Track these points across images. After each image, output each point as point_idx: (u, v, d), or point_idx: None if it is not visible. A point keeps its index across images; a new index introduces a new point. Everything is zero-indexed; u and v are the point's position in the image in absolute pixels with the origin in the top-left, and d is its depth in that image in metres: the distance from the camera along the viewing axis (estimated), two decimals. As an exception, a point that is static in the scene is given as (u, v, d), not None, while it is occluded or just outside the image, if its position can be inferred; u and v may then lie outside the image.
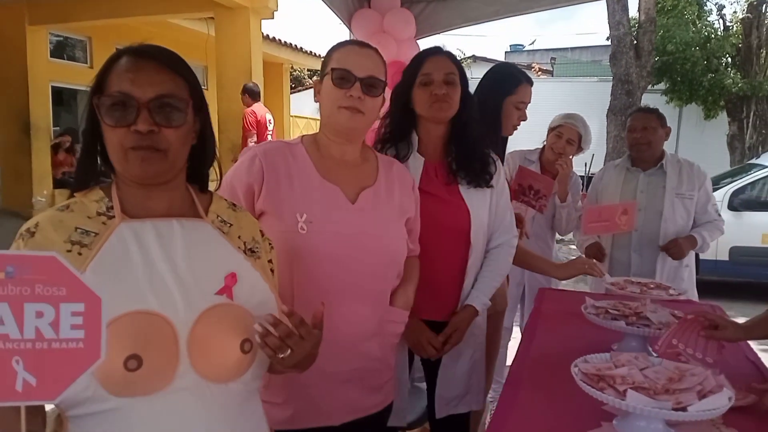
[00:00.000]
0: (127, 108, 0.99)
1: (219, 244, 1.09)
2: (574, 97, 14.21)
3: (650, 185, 2.95)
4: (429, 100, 1.78)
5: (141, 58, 1.03)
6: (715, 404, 1.15)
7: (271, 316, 1.00)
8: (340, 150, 1.53)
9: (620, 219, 2.70)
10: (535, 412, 1.38)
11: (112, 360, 0.89)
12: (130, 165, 1.01)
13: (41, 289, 0.77)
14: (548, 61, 21.53)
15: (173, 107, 1.02)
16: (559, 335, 1.94)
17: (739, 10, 14.29)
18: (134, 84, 1.00)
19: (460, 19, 3.92)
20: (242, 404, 1.06)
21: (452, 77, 1.79)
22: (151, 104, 0.99)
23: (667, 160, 2.95)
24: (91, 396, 0.92)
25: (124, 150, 1.00)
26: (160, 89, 1.01)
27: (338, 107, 1.45)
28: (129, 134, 0.99)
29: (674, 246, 2.82)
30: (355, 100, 1.44)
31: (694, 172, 2.92)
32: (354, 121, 1.46)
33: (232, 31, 7.79)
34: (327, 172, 1.50)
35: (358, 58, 1.47)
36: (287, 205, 1.44)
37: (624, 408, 1.17)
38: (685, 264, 2.96)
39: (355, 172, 1.53)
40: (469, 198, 1.85)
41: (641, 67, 10.23)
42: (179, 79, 1.04)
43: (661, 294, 2.06)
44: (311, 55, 12.78)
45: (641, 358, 1.35)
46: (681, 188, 2.89)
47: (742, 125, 12.97)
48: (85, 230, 1.00)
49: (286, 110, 12.95)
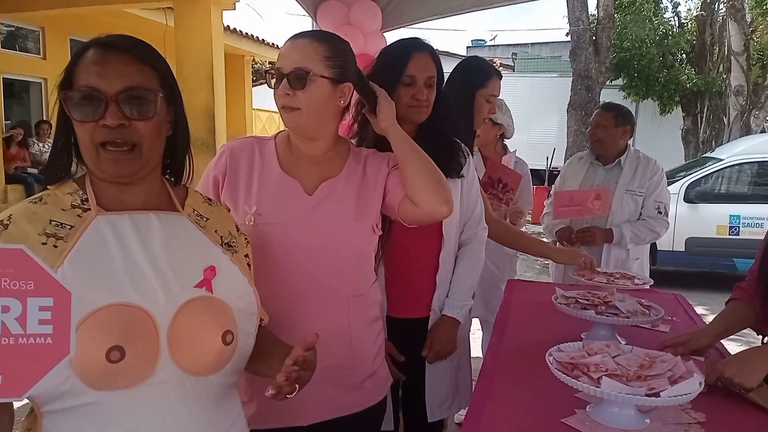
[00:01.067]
0: (94, 102, 0.96)
1: (197, 237, 1.08)
2: (535, 93, 14.46)
3: (606, 179, 3.05)
4: (409, 102, 1.75)
5: (108, 49, 1.00)
6: (687, 389, 1.17)
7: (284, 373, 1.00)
8: (307, 146, 1.49)
9: (593, 204, 2.79)
10: (510, 402, 1.39)
11: (93, 352, 0.88)
12: (102, 164, 0.99)
13: (8, 283, 0.73)
14: (509, 57, 21.78)
15: (143, 99, 0.99)
16: (529, 326, 1.96)
17: (694, 8, 14.76)
18: (101, 77, 0.97)
19: (425, 12, 3.93)
20: (221, 397, 1.05)
21: (432, 80, 1.77)
22: (119, 97, 0.97)
23: (627, 156, 3.03)
24: (69, 390, 0.90)
25: (95, 146, 0.98)
26: (128, 81, 0.98)
27: (280, 107, 1.42)
28: (98, 129, 0.97)
29: (587, 232, 2.91)
30: (285, 97, 1.39)
31: (650, 170, 2.99)
32: (292, 118, 1.41)
33: (191, 21, 7.59)
34: (290, 166, 1.47)
35: (286, 52, 1.40)
36: (240, 198, 1.42)
37: (599, 395, 1.19)
38: (634, 257, 3.03)
39: (320, 167, 1.49)
40: None
41: (600, 62, 10.45)
42: (148, 70, 1.02)
43: (626, 283, 2.10)
44: (274, 47, 12.63)
45: (613, 346, 1.37)
46: (633, 185, 2.97)
47: (696, 120, 13.41)
48: (60, 223, 0.98)
49: (248, 103, 12.77)
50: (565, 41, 12.78)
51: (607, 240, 2.94)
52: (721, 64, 13.20)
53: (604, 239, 2.93)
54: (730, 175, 6.85)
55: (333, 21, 3.60)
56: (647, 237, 3.00)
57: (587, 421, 1.26)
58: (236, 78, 12.02)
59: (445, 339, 1.86)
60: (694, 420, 1.29)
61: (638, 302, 1.79)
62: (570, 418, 1.28)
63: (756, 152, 6.76)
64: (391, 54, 1.82)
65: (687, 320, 2.10)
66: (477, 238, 1.96)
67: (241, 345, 1.05)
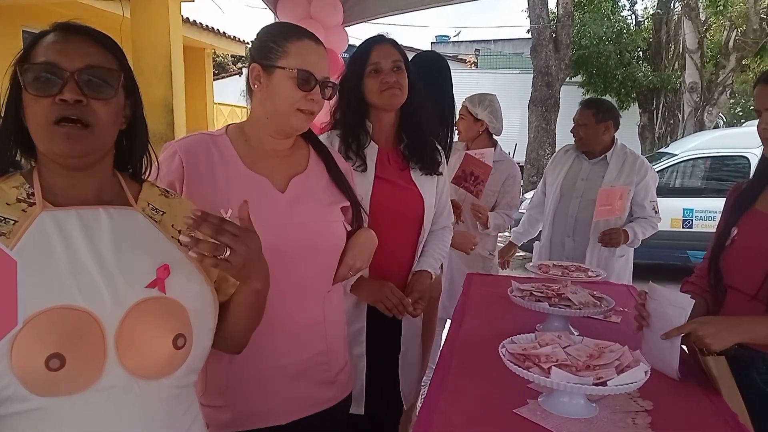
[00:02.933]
0: (53, 77, 0.93)
1: (150, 234, 1.03)
2: (498, 89, 14.55)
3: (591, 174, 3.05)
4: (380, 87, 1.81)
5: (70, 32, 0.97)
6: (633, 378, 1.21)
7: (192, 215, 0.94)
8: (277, 142, 1.47)
9: (617, 204, 2.85)
10: (464, 394, 1.40)
11: (32, 360, 0.84)
12: (54, 142, 0.95)
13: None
14: (473, 53, 21.94)
15: (103, 79, 0.97)
16: (486, 318, 1.99)
17: (650, 6, 15.11)
18: (62, 54, 0.94)
19: (387, 8, 3.93)
20: (175, 400, 1.02)
21: (399, 63, 1.83)
22: (79, 75, 0.94)
23: (614, 151, 3.03)
24: (11, 396, 0.86)
25: (48, 124, 0.93)
26: (90, 60, 0.96)
27: (296, 109, 1.39)
28: (54, 105, 0.93)
29: (614, 234, 2.90)
30: (314, 103, 1.39)
31: (636, 167, 3.01)
32: (307, 123, 1.43)
33: (149, 12, 7.39)
34: (254, 163, 1.44)
35: (318, 60, 1.40)
36: (210, 201, 1.35)
37: (548, 385, 1.22)
38: (619, 254, 3.06)
39: (285, 162, 1.48)
40: (420, 184, 1.91)
41: (560, 60, 10.63)
42: (110, 55, 1.00)
43: (580, 276, 2.15)
44: (235, 40, 12.43)
45: (564, 337, 1.41)
46: (618, 181, 2.97)
47: (652, 116, 13.76)
48: (3, 217, 0.93)
49: (209, 97, 12.53)
50: (526, 38, 12.93)
51: (625, 240, 2.94)
52: (676, 61, 13.55)
53: (625, 239, 2.93)
54: (684, 169, 7.04)
55: (293, 15, 3.57)
56: (649, 234, 3.05)
57: (538, 411, 1.29)
58: (196, 71, 11.77)
59: (421, 287, 1.91)
60: (641, 408, 1.33)
61: (590, 294, 1.83)
62: (522, 408, 1.30)
63: (709, 147, 6.97)
64: (356, 53, 1.90)
65: (638, 311, 2.16)
66: (445, 229, 2.08)
67: (196, 347, 1.01)
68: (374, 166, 1.84)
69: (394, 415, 2.09)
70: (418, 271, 1.95)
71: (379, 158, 1.87)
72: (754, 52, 12.23)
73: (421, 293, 1.89)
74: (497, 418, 1.28)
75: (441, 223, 2.05)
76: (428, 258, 1.97)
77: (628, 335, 1.71)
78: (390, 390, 2.00)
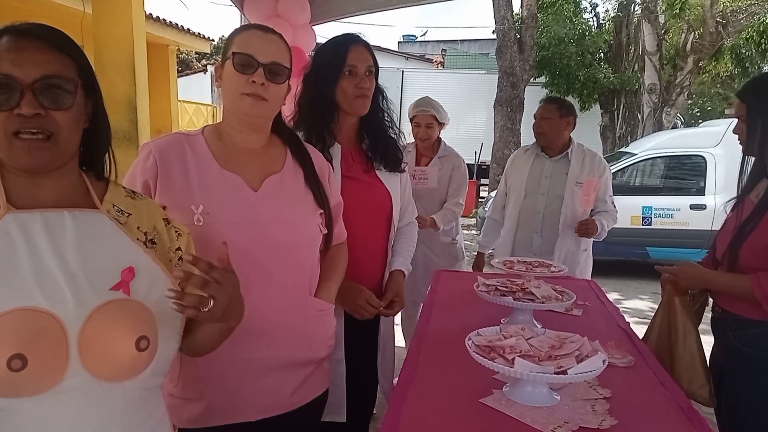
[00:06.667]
0: (8, 90, 0.91)
1: (115, 236, 1.03)
2: (464, 89, 14.75)
3: (554, 171, 3.13)
4: (354, 93, 1.84)
5: (24, 36, 0.95)
6: (592, 366, 1.27)
7: (182, 271, 0.95)
8: (244, 139, 1.48)
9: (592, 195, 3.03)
10: (432, 385, 1.45)
11: None
12: (16, 155, 0.94)
13: None
14: (439, 53, 22.10)
15: (61, 88, 0.95)
16: (454, 313, 2.04)
17: (611, 9, 15.44)
18: (16, 64, 0.92)
19: (354, 7, 3.96)
20: (140, 402, 1.02)
21: (371, 69, 1.87)
22: (35, 86, 0.92)
23: (573, 149, 3.12)
24: None
25: (7, 136, 0.92)
26: (46, 69, 0.93)
27: (241, 94, 1.40)
28: (12, 118, 0.92)
29: (590, 224, 3.01)
30: (257, 86, 1.39)
31: (596, 163, 3.11)
32: (257, 108, 1.42)
33: (111, 8, 7.20)
34: (227, 161, 1.44)
35: (261, 43, 1.41)
36: (182, 198, 1.37)
37: (512, 375, 1.27)
38: (583, 248, 3.16)
39: (259, 160, 1.49)
40: (386, 181, 1.96)
41: (524, 60, 10.79)
42: (66, 59, 0.97)
43: (543, 271, 2.22)
44: (199, 37, 12.27)
45: (527, 329, 1.46)
46: (581, 177, 3.07)
47: (614, 116, 14.08)
48: None
49: (173, 95, 12.33)
50: (492, 39, 13.09)
51: (596, 231, 3.03)
52: (636, 63, 13.88)
53: (596, 231, 3.03)
54: (643, 168, 7.22)
55: (260, 13, 3.57)
56: (611, 227, 3.15)
57: (503, 400, 1.34)
58: (160, 68, 11.56)
59: (397, 287, 1.96)
60: (600, 396, 1.39)
61: (553, 288, 1.89)
62: (487, 398, 1.35)
63: (667, 147, 7.15)
64: (329, 49, 1.89)
65: (598, 304, 2.24)
66: (410, 225, 2.14)
67: (162, 349, 1.01)
68: (339, 166, 1.86)
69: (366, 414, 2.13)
70: (393, 272, 2.00)
71: (344, 157, 1.90)
72: (711, 54, 12.63)
73: (398, 293, 1.94)
74: (464, 407, 1.33)
75: (406, 218, 2.11)
76: (399, 258, 2.03)
77: (588, 327, 1.79)
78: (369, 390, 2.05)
